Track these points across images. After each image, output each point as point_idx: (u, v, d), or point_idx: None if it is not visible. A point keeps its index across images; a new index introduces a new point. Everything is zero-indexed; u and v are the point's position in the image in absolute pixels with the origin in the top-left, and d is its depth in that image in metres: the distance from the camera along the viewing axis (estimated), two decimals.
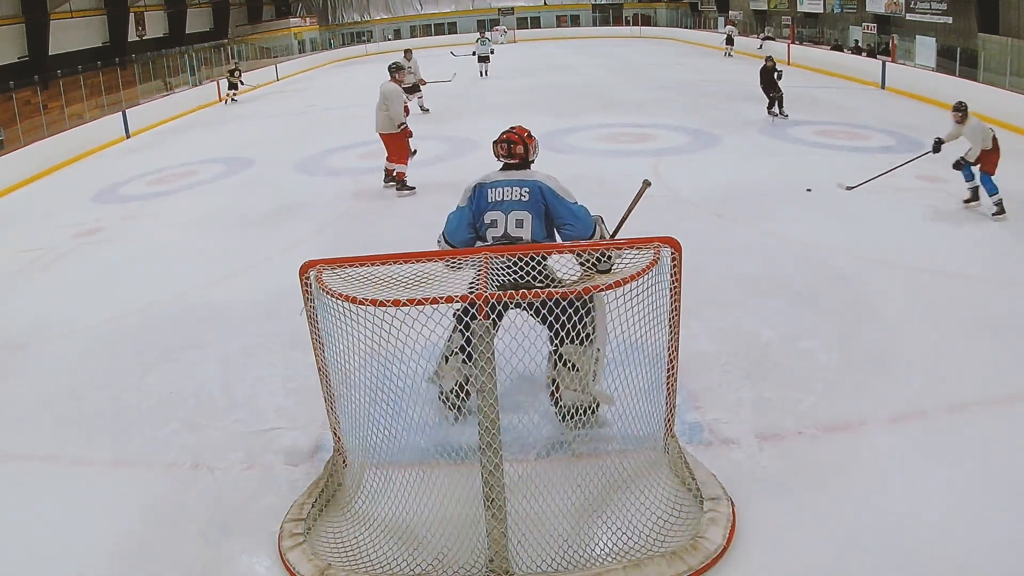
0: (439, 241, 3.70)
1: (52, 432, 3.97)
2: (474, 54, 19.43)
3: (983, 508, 2.96)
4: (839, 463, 3.31)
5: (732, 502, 2.99)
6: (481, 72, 19.33)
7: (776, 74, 11.59)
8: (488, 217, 3.53)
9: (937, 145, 7.20)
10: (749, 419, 3.66)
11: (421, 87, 13.39)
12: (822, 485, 3.16)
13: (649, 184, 3.89)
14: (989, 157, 6.95)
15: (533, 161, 3.77)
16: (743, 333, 4.55)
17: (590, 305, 3.37)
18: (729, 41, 23.09)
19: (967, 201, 7.04)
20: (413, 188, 8.33)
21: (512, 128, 3.77)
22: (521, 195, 3.49)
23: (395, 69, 8.38)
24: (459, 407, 3.64)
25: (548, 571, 2.70)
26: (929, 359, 4.13)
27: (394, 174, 8.39)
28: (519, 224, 3.47)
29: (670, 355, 3.13)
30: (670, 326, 3.07)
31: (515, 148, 3.65)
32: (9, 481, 3.61)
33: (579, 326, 3.12)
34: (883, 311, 4.75)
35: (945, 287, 5.10)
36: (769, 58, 12.21)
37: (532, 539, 2.79)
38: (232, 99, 18.89)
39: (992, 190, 6.79)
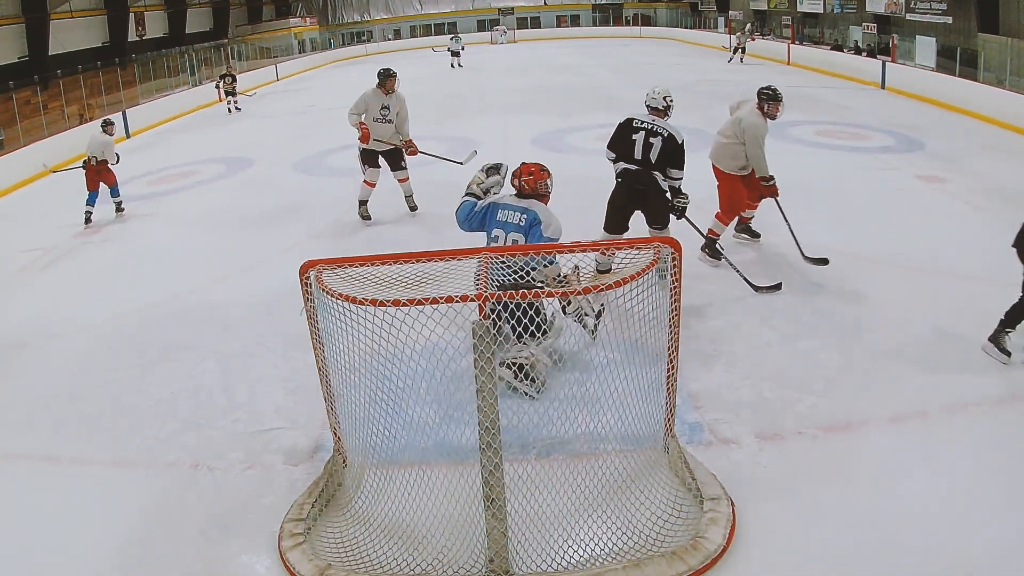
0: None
1: (52, 432, 3.97)
2: (449, 50, 24.32)
3: (983, 508, 2.96)
4: (839, 463, 3.31)
5: (732, 502, 2.99)
6: (452, 64, 23.54)
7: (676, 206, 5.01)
8: (493, 232, 4.15)
9: None
10: (749, 419, 3.66)
11: (407, 152, 7.03)
12: (822, 485, 3.16)
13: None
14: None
15: (545, 195, 4.23)
16: (743, 333, 4.54)
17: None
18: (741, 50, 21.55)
19: None
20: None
21: (525, 163, 4.29)
22: (520, 220, 4.10)
23: (767, 98, 5.41)
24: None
25: (548, 571, 2.70)
26: (929, 359, 4.13)
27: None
28: (515, 243, 4.07)
29: (670, 355, 3.13)
30: (670, 326, 3.07)
31: (540, 185, 4.20)
32: (9, 481, 3.61)
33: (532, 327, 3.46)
34: (883, 311, 4.75)
35: (945, 287, 5.10)
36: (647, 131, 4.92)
37: (532, 539, 2.79)
38: (236, 107, 17.19)
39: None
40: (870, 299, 4.94)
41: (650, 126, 4.90)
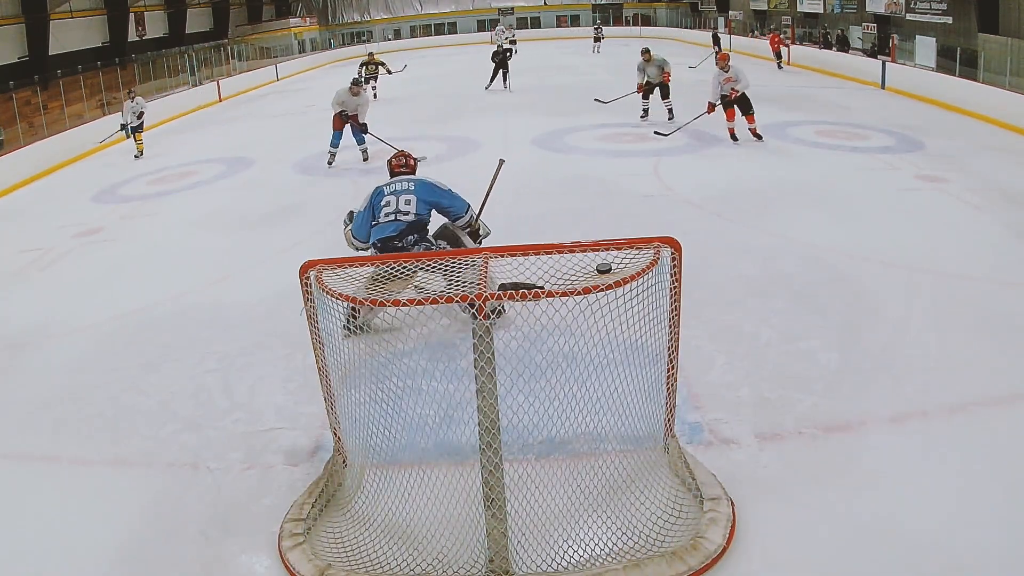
0: (347, 233, 4.76)
1: (52, 432, 3.97)
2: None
3: (983, 508, 2.96)
4: (839, 463, 3.31)
5: (732, 502, 2.99)
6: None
7: None
8: (384, 202, 4.55)
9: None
10: (749, 419, 3.66)
11: None
12: (822, 485, 3.16)
13: (503, 162, 4.97)
14: None
15: (415, 167, 4.94)
16: (743, 333, 4.55)
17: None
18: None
19: None
20: None
21: (401, 151, 5.06)
22: (408, 186, 4.61)
23: None
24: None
25: (548, 571, 2.70)
26: (929, 359, 4.13)
27: None
28: (407, 203, 4.53)
29: (670, 355, 3.13)
30: (670, 326, 3.07)
31: (409, 160, 4.90)
32: (9, 481, 3.61)
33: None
34: (883, 311, 4.75)
35: (945, 287, 5.10)
36: None
37: (532, 539, 2.79)
38: (374, 94, 15.61)
39: None
40: (870, 299, 4.94)
41: None
